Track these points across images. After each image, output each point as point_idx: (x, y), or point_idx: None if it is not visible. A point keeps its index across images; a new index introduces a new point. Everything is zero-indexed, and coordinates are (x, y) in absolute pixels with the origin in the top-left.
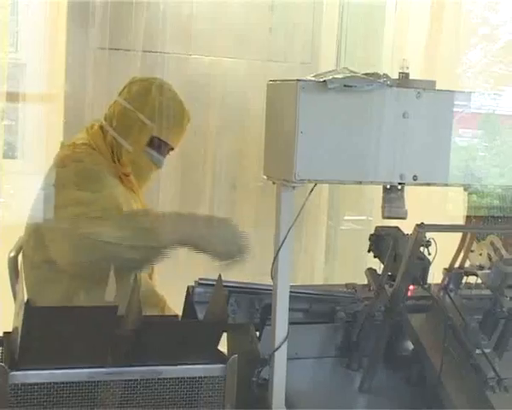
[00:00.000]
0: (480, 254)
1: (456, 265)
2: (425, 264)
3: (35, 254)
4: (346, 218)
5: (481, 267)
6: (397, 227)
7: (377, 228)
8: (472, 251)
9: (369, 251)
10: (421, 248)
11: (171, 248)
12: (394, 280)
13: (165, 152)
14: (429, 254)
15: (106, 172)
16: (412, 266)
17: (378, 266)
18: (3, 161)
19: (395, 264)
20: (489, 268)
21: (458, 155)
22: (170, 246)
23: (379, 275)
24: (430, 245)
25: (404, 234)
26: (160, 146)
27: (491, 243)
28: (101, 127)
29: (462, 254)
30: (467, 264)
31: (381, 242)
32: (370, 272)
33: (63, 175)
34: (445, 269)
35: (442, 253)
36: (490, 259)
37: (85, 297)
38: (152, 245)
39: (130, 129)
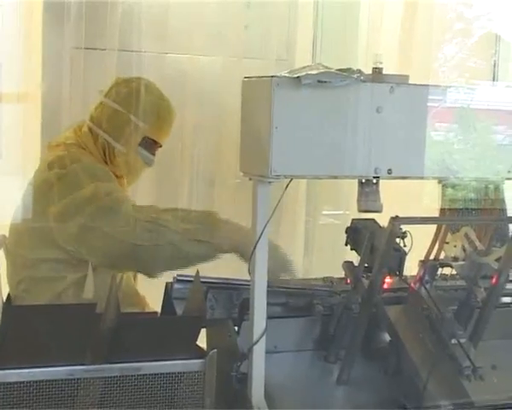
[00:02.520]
0: (455, 246)
1: (432, 257)
2: (401, 255)
3: (29, 253)
4: (323, 213)
5: (456, 259)
6: (373, 219)
7: (353, 221)
8: (447, 243)
9: (346, 244)
10: (397, 240)
11: (225, 252)
12: (371, 272)
13: (156, 150)
14: (405, 245)
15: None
16: (388, 257)
17: (355, 259)
18: None
19: (371, 256)
20: (463, 259)
21: (434, 149)
22: (225, 250)
23: (356, 267)
24: (406, 237)
25: (380, 226)
26: (150, 145)
27: (466, 235)
28: (90, 129)
29: (436, 247)
30: (442, 256)
31: (357, 234)
32: (347, 264)
33: (67, 175)
34: (421, 261)
35: (418, 245)
36: (464, 250)
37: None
38: (213, 243)
39: (123, 130)
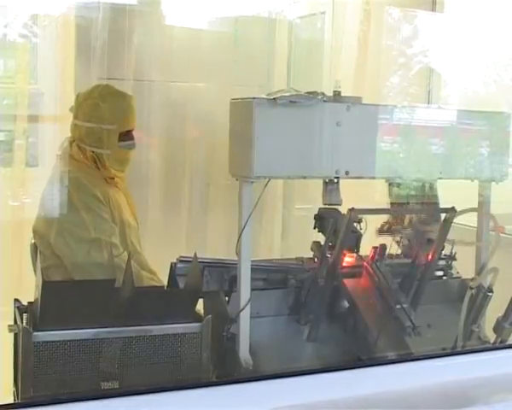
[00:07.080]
0: None
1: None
2: (357, 236)
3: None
4: (296, 206)
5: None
6: (335, 209)
7: (320, 209)
8: None
9: (314, 228)
10: (355, 224)
11: None
12: (334, 249)
13: (132, 134)
14: (361, 228)
15: (87, 180)
16: (348, 237)
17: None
18: (28, 169)
19: (335, 236)
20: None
21: (383, 156)
22: None
23: (322, 245)
24: (362, 222)
25: (341, 213)
26: (127, 134)
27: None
28: (79, 146)
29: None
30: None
31: (323, 220)
32: (315, 244)
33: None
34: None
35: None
36: None
37: None
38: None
39: (102, 139)
